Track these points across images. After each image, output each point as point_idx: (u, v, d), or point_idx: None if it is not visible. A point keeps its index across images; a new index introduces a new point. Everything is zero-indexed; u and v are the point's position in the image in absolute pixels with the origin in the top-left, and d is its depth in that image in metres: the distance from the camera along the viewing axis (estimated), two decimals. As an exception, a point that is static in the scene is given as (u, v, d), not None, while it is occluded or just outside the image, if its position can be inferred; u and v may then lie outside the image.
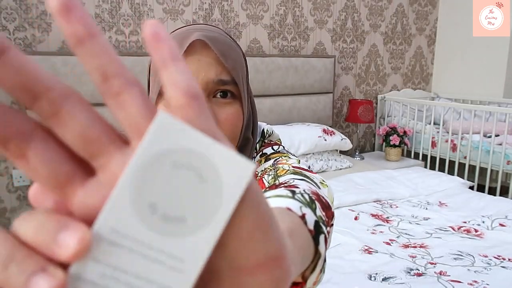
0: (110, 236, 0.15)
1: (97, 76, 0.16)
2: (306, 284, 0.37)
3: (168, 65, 0.16)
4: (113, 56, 0.16)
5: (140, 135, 0.16)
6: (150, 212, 0.16)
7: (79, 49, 0.16)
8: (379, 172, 2.64)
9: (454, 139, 3.03)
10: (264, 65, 2.75)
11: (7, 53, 0.15)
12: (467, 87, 3.55)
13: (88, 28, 0.16)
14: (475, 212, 2.09)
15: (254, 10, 2.81)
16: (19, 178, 2.24)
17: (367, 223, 1.94)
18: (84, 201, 0.16)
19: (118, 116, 0.16)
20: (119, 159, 0.16)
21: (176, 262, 0.16)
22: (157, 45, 0.16)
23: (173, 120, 0.16)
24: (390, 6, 3.44)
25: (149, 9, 2.46)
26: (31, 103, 0.16)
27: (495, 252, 1.65)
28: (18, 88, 0.15)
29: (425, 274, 1.48)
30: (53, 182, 0.16)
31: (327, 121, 3.13)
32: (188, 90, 0.16)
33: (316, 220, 0.37)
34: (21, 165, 0.16)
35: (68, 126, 0.16)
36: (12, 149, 0.16)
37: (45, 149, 0.16)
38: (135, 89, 0.16)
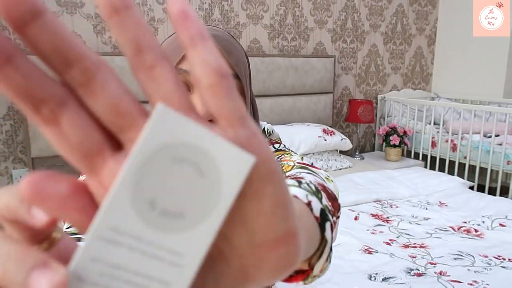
0: (109, 234, 0.15)
1: (130, 48, 0.16)
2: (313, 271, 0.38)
3: (197, 43, 0.16)
4: (147, 29, 0.16)
5: (172, 108, 0.16)
6: (150, 208, 0.15)
7: (114, 19, 0.15)
8: (379, 172, 2.64)
9: (454, 139, 3.03)
10: (264, 65, 2.75)
11: (44, 15, 0.14)
12: (467, 87, 3.55)
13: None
14: (475, 212, 2.09)
15: (254, 10, 2.81)
16: (19, 178, 2.24)
17: (367, 223, 1.94)
18: (114, 172, 0.16)
19: (150, 89, 0.16)
20: None
21: (176, 257, 0.16)
22: (185, 23, 0.16)
23: (173, 112, 0.15)
24: (390, 6, 3.44)
25: (149, 9, 2.46)
26: (63, 70, 0.15)
27: (495, 252, 1.65)
28: (52, 53, 0.15)
29: (425, 274, 1.48)
30: (85, 150, 0.16)
31: (327, 121, 3.13)
32: (218, 68, 0.16)
33: (322, 208, 0.37)
34: (51, 131, 0.16)
35: (99, 96, 0.16)
36: (45, 112, 0.15)
37: (78, 115, 0.16)
38: (167, 63, 0.16)
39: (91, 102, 0.16)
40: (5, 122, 2.17)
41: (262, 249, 0.18)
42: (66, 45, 0.15)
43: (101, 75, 0.16)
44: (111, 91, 0.16)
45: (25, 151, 2.22)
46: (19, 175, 2.23)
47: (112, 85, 0.16)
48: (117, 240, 0.15)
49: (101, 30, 2.36)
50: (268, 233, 0.18)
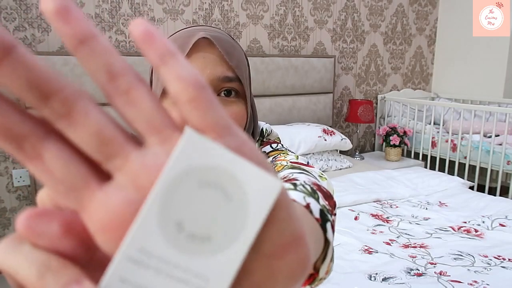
0: (137, 255, 0.15)
1: (102, 75, 0.15)
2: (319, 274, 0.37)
3: (168, 60, 0.16)
4: (117, 55, 0.16)
5: (156, 131, 0.16)
6: (177, 231, 0.16)
7: (81, 49, 0.15)
8: (379, 172, 2.64)
9: (454, 139, 3.03)
10: (264, 65, 2.75)
11: (15, 51, 0.14)
12: (467, 87, 3.55)
13: (89, 27, 0.15)
14: (475, 212, 2.09)
15: (254, 10, 2.81)
16: (19, 178, 2.24)
17: (367, 223, 1.94)
18: (104, 204, 0.15)
19: (129, 114, 0.16)
20: (137, 159, 0.16)
21: (202, 281, 0.16)
22: (151, 43, 0.16)
23: (200, 137, 0.15)
24: (390, 6, 3.44)
25: (149, 9, 2.46)
26: (42, 104, 0.15)
27: (495, 252, 1.65)
28: (28, 87, 0.15)
29: (425, 274, 1.48)
30: (70, 184, 0.16)
31: (327, 121, 3.13)
32: (195, 81, 0.16)
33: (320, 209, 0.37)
34: (35, 167, 0.15)
35: (82, 126, 0.15)
36: (27, 148, 0.15)
37: (61, 149, 0.16)
38: (144, 85, 0.16)
39: (73, 133, 0.15)
40: (5, 122, 2.17)
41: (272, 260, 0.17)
42: (41, 78, 0.15)
43: (81, 104, 0.15)
44: (93, 119, 0.15)
45: (25, 151, 2.22)
46: (19, 175, 2.23)
47: (93, 113, 0.15)
48: (144, 261, 0.15)
49: (101, 30, 2.36)
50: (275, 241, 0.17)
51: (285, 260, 0.17)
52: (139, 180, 0.16)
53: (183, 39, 0.55)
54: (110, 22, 2.37)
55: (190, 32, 0.55)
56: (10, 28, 2.11)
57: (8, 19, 2.10)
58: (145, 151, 0.16)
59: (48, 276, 0.14)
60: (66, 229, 0.16)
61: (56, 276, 0.14)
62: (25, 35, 2.15)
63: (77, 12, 0.15)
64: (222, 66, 0.54)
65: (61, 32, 0.15)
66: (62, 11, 0.15)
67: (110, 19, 2.37)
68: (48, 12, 0.15)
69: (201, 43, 0.54)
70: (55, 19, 0.15)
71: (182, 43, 0.54)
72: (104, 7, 2.34)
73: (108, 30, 2.38)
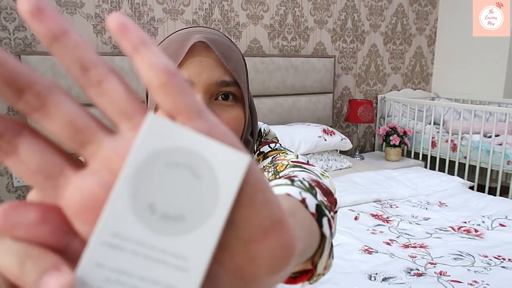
0: (111, 239, 0.15)
1: (76, 69, 0.16)
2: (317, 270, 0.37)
3: (140, 49, 0.17)
4: (89, 48, 0.17)
5: (127, 118, 0.17)
6: (149, 212, 0.16)
7: (55, 45, 0.16)
8: (379, 172, 2.63)
9: (454, 139, 3.03)
10: (264, 65, 2.75)
11: None
12: (467, 87, 3.55)
13: (62, 25, 0.16)
14: (475, 212, 2.09)
15: (254, 10, 2.81)
16: (19, 178, 2.24)
17: (367, 223, 1.94)
18: (79, 188, 0.16)
19: (102, 103, 0.17)
20: (109, 145, 0.17)
21: (181, 261, 0.16)
22: (125, 34, 0.17)
23: (163, 120, 0.16)
24: (390, 6, 3.44)
25: (149, 9, 2.46)
26: (17, 98, 0.16)
27: (495, 252, 1.65)
28: (3, 83, 0.15)
29: (425, 274, 1.48)
30: (46, 173, 0.16)
31: (327, 121, 3.13)
32: (166, 68, 0.16)
33: (317, 204, 0.37)
34: (12, 162, 0.16)
35: (56, 116, 0.16)
36: (3, 145, 0.16)
37: (34, 143, 0.16)
38: (115, 76, 0.17)
39: (48, 124, 0.16)
40: (5, 122, 2.17)
41: (252, 244, 0.18)
42: (15, 74, 0.16)
43: (54, 96, 0.16)
44: (65, 110, 0.16)
45: (25, 151, 2.22)
46: (19, 175, 2.23)
47: (66, 104, 0.16)
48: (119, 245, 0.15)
49: (101, 30, 2.36)
50: (253, 224, 0.17)
51: (265, 244, 0.18)
52: (112, 164, 0.16)
53: (179, 42, 0.54)
54: (110, 22, 2.37)
55: (186, 35, 0.54)
56: (10, 28, 2.11)
57: (8, 19, 2.10)
58: (117, 137, 0.17)
59: (28, 264, 0.15)
60: (42, 217, 0.16)
61: (36, 263, 0.15)
62: (25, 35, 2.15)
63: (50, 11, 0.16)
64: (219, 70, 0.53)
65: (36, 30, 0.16)
66: (36, 11, 0.16)
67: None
68: (24, 12, 0.16)
69: (197, 46, 0.53)
70: (30, 19, 0.16)
71: (178, 47, 0.53)
72: (104, 7, 2.34)
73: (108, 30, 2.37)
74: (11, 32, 2.11)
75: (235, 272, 0.18)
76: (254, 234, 0.17)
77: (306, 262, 0.37)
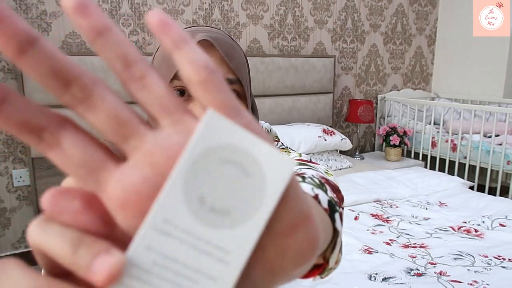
0: (163, 225, 0.16)
1: (119, 64, 0.17)
2: (329, 264, 0.38)
3: (181, 46, 0.17)
4: (131, 45, 0.17)
5: (168, 114, 0.17)
6: (199, 204, 0.16)
7: (99, 41, 0.16)
8: (379, 172, 2.63)
9: (454, 139, 3.03)
10: (264, 65, 2.75)
11: (38, 42, 0.15)
12: (467, 87, 3.55)
13: (105, 21, 0.17)
14: (475, 212, 2.09)
15: (254, 10, 2.81)
16: (19, 178, 2.24)
17: (367, 223, 1.94)
18: (121, 182, 0.16)
19: (143, 99, 0.17)
20: (151, 140, 0.17)
21: (222, 253, 0.16)
22: (166, 30, 0.17)
23: (220, 117, 0.17)
24: (390, 6, 3.44)
25: (149, 9, 2.46)
26: (63, 90, 0.16)
27: (495, 252, 1.65)
28: (51, 75, 0.16)
29: (425, 274, 1.48)
30: (88, 167, 0.17)
31: (327, 121, 3.13)
32: (205, 65, 0.17)
33: (329, 200, 0.38)
34: (55, 155, 0.17)
35: (100, 109, 0.16)
36: (47, 138, 0.16)
37: (77, 136, 0.17)
38: (155, 73, 0.17)
39: (92, 116, 0.17)
40: (5, 122, 2.17)
41: (282, 237, 0.18)
42: (62, 66, 0.16)
43: (99, 89, 0.17)
44: (110, 103, 0.17)
45: (25, 151, 2.22)
46: (19, 175, 2.23)
47: (110, 97, 0.17)
48: (169, 231, 0.16)
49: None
50: (284, 219, 0.18)
51: (295, 238, 0.18)
52: (154, 158, 0.17)
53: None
54: (110, 22, 2.37)
55: (190, 34, 0.55)
56: (10, 28, 2.11)
57: (8, 19, 2.10)
58: (159, 132, 0.17)
59: (82, 249, 0.16)
60: (86, 206, 0.17)
61: (89, 248, 0.16)
62: (25, 35, 2.15)
63: (94, 7, 0.16)
64: (222, 68, 0.54)
65: (80, 26, 0.16)
66: (80, 7, 0.16)
67: (110, 19, 2.36)
68: (68, 9, 0.16)
69: (201, 45, 0.53)
70: (74, 15, 0.16)
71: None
72: (104, 7, 2.34)
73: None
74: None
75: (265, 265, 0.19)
76: (284, 229, 0.18)
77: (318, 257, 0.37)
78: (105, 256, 0.15)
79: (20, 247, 2.31)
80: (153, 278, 0.16)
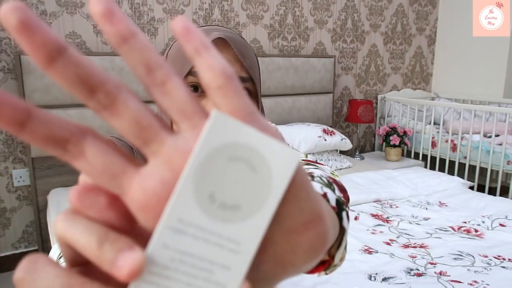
0: (177, 224, 0.17)
1: (142, 69, 0.18)
2: (334, 261, 0.39)
3: (202, 52, 0.18)
4: (154, 51, 0.18)
5: (187, 118, 0.18)
6: (210, 201, 0.17)
7: (124, 46, 0.17)
8: (379, 172, 2.63)
9: (454, 139, 3.03)
10: (264, 65, 2.75)
11: (67, 51, 0.16)
12: (467, 87, 3.55)
13: (130, 27, 0.17)
14: (475, 212, 2.09)
15: (254, 10, 2.81)
16: (19, 178, 2.24)
17: (367, 223, 1.94)
18: (142, 186, 0.17)
19: (165, 103, 0.18)
20: (171, 144, 0.18)
21: (234, 244, 0.18)
22: (189, 36, 0.18)
23: (226, 116, 0.17)
24: (390, 6, 3.44)
25: (149, 9, 2.46)
26: (89, 96, 0.17)
27: (495, 252, 1.65)
28: (78, 82, 0.17)
29: (425, 274, 1.48)
30: (111, 173, 0.18)
31: (327, 121, 3.13)
32: (224, 71, 0.18)
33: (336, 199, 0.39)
34: (80, 164, 0.18)
35: (123, 114, 0.17)
36: (71, 149, 0.17)
37: (98, 145, 0.18)
38: (177, 78, 0.18)
39: (116, 122, 0.18)
40: (5, 122, 2.17)
41: (293, 234, 0.19)
42: (89, 74, 0.17)
43: (123, 95, 0.17)
44: (132, 108, 0.17)
45: (25, 151, 2.22)
46: (19, 175, 2.23)
47: (133, 103, 0.18)
48: (183, 230, 0.17)
49: (101, 30, 2.36)
50: (296, 218, 0.19)
51: (305, 235, 0.20)
52: (173, 162, 0.18)
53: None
54: (110, 22, 2.37)
55: (205, 32, 0.56)
56: (10, 28, 2.11)
57: (8, 19, 2.10)
58: (178, 136, 0.18)
59: (107, 244, 0.17)
60: (110, 202, 0.18)
61: (113, 243, 0.17)
62: (25, 35, 2.15)
63: (120, 14, 0.17)
64: (236, 66, 0.55)
65: (107, 32, 0.17)
66: (108, 14, 0.17)
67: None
68: (96, 15, 0.17)
69: (216, 43, 0.55)
70: (101, 21, 0.17)
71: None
72: (104, 7, 2.34)
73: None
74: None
75: (276, 259, 0.20)
76: (296, 226, 0.19)
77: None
78: (129, 253, 0.16)
79: (20, 247, 2.31)
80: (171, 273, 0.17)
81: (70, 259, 0.19)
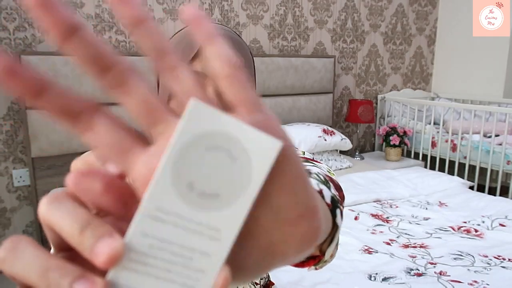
0: (156, 213, 0.17)
1: (154, 53, 0.18)
2: (324, 256, 0.40)
3: (212, 40, 0.19)
4: (165, 37, 0.19)
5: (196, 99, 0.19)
6: (189, 190, 0.18)
7: (137, 30, 0.18)
8: (379, 172, 2.63)
9: (454, 139, 3.03)
10: (264, 65, 2.75)
11: (81, 30, 0.17)
12: (467, 87, 3.55)
13: (144, 12, 0.18)
14: (475, 212, 2.09)
15: (254, 10, 2.81)
16: (19, 178, 2.24)
17: (367, 223, 1.94)
18: (147, 164, 0.18)
19: (174, 86, 0.19)
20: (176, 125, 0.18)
21: (214, 232, 0.18)
22: (199, 25, 0.19)
23: (205, 106, 0.17)
24: (390, 6, 3.44)
25: (149, 9, 2.46)
26: (102, 74, 0.18)
27: (495, 252, 1.65)
28: (92, 60, 0.17)
29: (425, 274, 1.48)
30: (119, 149, 0.18)
31: (327, 121, 3.13)
32: (231, 60, 0.18)
33: (332, 196, 0.39)
34: (89, 137, 0.18)
35: (133, 95, 0.18)
36: (83, 121, 0.18)
37: (109, 121, 0.18)
38: (185, 64, 0.19)
39: (125, 100, 0.18)
40: (5, 122, 2.17)
41: (287, 225, 0.20)
42: (102, 53, 0.18)
43: (134, 77, 0.18)
44: (142, 90, 0.18)
45: (25, 151, 2.22)
46: (19, 175, 2.23)
47: (143, 85, 0.18)
48: (162, 218, 0.17)
49: (101, 30, 2.36)
50: (291, 209, 0.20)
51: (299, 227, 0.20)
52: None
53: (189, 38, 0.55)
54: (110, 22, 2.37)
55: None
56: (10, 28, 2.11)
57: (8, 19, 2.10)
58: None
59: (88, 230, 0.17)
60: (106, 187, 0.19)
61: (94, 230, 0.17)
62: (25, 35, 2.15)
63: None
64: None
65: (122, 15, 0.18)
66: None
67: (110, 19, 2.37)
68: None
69: None
70: (117, 5, 0.18)
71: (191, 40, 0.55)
72: (104, 7, 2.34)
73: (108, 30, 2.37)
74: (11, 32, 2.11)
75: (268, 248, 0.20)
76: (291, 218, 0.20)
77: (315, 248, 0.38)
78: (108, 240, 0.17)
79: (20, 247, 2.31)
80: (150, 260, 0.17)
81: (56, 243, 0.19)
